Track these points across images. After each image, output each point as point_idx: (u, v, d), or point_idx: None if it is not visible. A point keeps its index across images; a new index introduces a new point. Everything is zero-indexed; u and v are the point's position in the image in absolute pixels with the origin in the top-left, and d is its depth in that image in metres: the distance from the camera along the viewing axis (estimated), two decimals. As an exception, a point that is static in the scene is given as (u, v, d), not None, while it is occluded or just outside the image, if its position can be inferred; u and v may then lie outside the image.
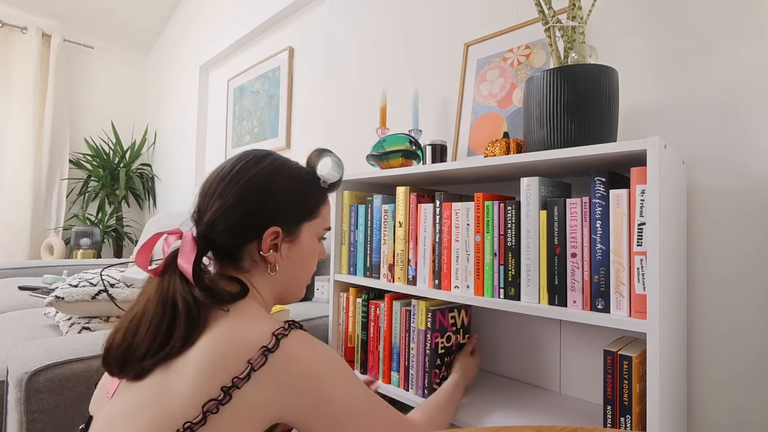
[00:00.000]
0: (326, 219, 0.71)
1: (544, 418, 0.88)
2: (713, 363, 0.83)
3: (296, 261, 0.68)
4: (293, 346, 0.51)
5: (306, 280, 0.71)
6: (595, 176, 0.74)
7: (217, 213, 0.60)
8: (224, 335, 0.51)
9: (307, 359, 0.51)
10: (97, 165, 3.23)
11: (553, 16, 0.84)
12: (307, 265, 0.70)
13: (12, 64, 2.99)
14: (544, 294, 0.79)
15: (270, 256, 0.63)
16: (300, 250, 0.68)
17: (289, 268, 0.67)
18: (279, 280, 0.66)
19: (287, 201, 0.65)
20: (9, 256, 2.91)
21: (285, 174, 0.66)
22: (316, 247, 0.70)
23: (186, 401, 0.46)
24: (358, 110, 1.68)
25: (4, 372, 0.95)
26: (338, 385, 0.52)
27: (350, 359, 1.16)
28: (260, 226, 0.62)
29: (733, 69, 0.83)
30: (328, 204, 0.72)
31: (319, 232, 0.70)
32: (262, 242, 0.62)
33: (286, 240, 0.65)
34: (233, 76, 2.55)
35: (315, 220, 0.69)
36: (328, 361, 0.53)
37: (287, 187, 0.65)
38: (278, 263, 0.65)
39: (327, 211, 0.72)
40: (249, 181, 0.62)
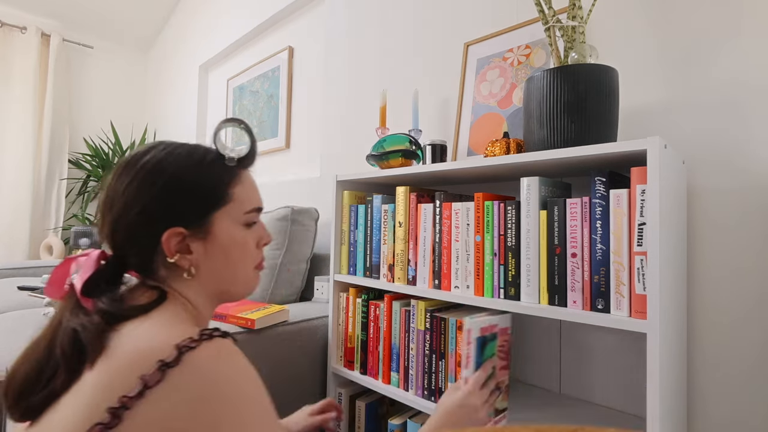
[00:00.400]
0: (243, 201, 0.59)
1: (544, 418, 0.88)
2: (713, 363, 0.83)
3: (219, 257, 0.57)
4: (199, 360, 0.43)
5: (245, 273, 0.60)
6: (595, 176, 0.73)
7: (111, 226, 0.54)
8: (121, 348, 0.44)
9: (213, 377, 0.43)
10: (97, 165, 3.23)
11: (553, 16, 0.84)
12: (235, 257, 0.58)
13: (11, 64, 2.98)
14: (544, 294, 0.79)
15: (180, 260, 0.54)
16: (218, 244, 0.57)
17: (213, 267, 0.57)
18: (207, 282, 0.57)
19: (182, 193, 0.54)
20: (8, 256, 2.90)
21: (174, 162, 0.55)
22: (241, 235, 0.59)
23: (70, 426, 0.40)
24: (357, 110, 1.68)
25: (4, 372, 0.95)
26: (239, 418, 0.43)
27: (350, 359, 1.16)
28: (157, 230, 0.53)
29: (733, 69, 0.83)
30: (242, 183, 0.60)
31: (240, 218, 0.59)
32: (164, 247, 0.53)
33: (196, 237, 0.55)
34: (233, 76, 2.55)
35: (228, 206, 0.57)
36: (238, 385, 0.44)
37: (179, 177, 0.55)
38: (196, 266, 0.56)
39: (243, 192, 0.60)
40: (133, 180, 0.53)
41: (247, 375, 0.46)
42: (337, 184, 1.22)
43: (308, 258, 1.53)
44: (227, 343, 0.48)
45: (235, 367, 0.45)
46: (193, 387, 0.42)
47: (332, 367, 1.19)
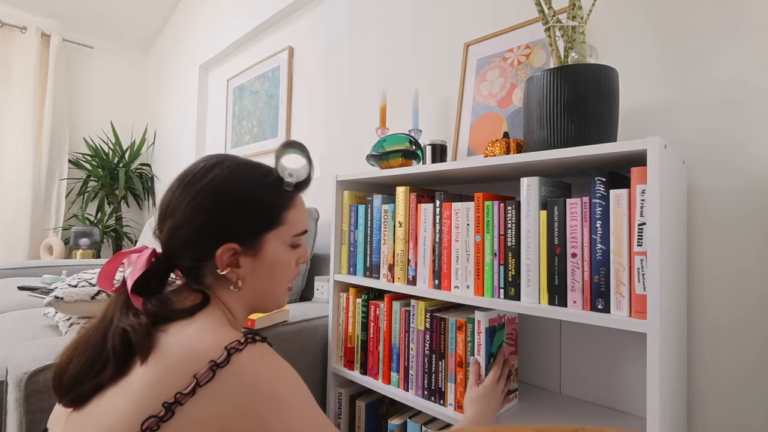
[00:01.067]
0: (295, 225, 0.63)
1: (544, 418, 0.88)
2: (713, 363, 0.83)
3: (263, 274, 0.61)
4: (246, 362, 0.47)
5: (282, 290, 0.65)
6: (595, 176, 0.73)
7: (169, 233, 0.57)
8: (172, 348, 0.47)
9: (258, 377, 0.46)
10: (97, 165, 3.23)
11: (553, 16, 0.84)
12: (278, 276, 0.63)
13: (11, 64, 2.98)
14: (544, 294, 0.79)
15: (230, 273, 0.58)
16: (266, 262, 0.60)
17: (256, 282, 0.61)
18: (248, 295, 0.61)
19: (241, 213, 0.58)
20: (8, 256, 2.90)
21: (237, 181, 0.59)
22: (286, 256, 0.63)
23: (123, 419, 0.43)
24: (357, 110, 1.68)
25: (4, 372, 0.95)
26: (286, 413, 0.46)
27: (350, 359, 1.16)
28: (214, 244, 0.56)
29: (733, 68, 0.83)
30: (296, 207, 0.64)
31: (288, 239, 0.62)
32: (216, 261, 0.57)
33: (246, 254, 0.59)
34: (233, 76, 2.55)
35: (280, 228, 0.61)
36: (282, 383, 0.48)
37: (241, 197, 0.58)
38: (242, 279, 0.59)
39: (296, 216, 0.63)
40: (197, 195, 0.57)
41: (289, 374, 0.50)
42: (337, 184, 1.22)
43: (308, 258, 1.53)
44: (267, 346, 0.51)
45: (278, 368, 0.49)
46: (239, 387, 0.45)
47: (332, 367, 1.19)
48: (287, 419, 0.46)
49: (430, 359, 0.97)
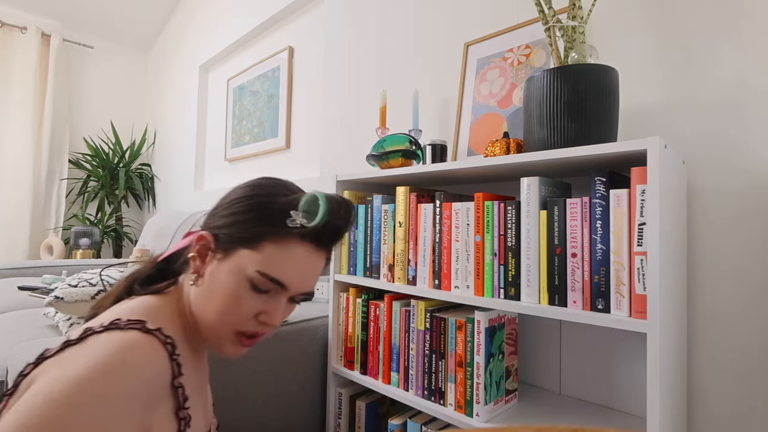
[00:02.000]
0: (270, 263, 0.53)
1: (544, 418, 0.88)
2: (713, 363, 0.83)
3: (214, 287, 0.54)
4: (86, 346, 0.42)
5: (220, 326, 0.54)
6: (595, 176, 0.73)
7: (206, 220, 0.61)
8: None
9: (72, 367, 0.40)
10: (97, 165, 3.23)
11: (553, 16, 0.84)
12: (219, 302, 0.53)
13: (11, 64, 2.98)
14: (544, 294, 0.79)
15: (193, 260, 0.56)
16: (221, 275, 0.53)
17: (206, 290, 0.54)
18: (193, 300, 0.56)
19: (237, 214, 0.55)
20: (8, 256, 2.90)
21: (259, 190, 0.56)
22: (240, 289, 0.53)
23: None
24: (357, 110, 1.68)
25: (4, 372, 0.95)
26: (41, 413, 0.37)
27: (350, 359, 1.16)
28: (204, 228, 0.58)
29: (733, 68, 0.83)
30: (285, 249, 0.54)
31: (251, 272, 0.52)
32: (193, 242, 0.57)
33: (214, 255, 0.55)
34: (233, 76, 2.55)
35: (252, 253, 0.53)
36: (78, 393, 0.38)
37: (244, 202, 0.56)
38: (200, 275, 0.55)
39: (277, 256, 0.53)
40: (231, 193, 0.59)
41: (106, 375, 0.40)
42: (337, 184, 1.22)
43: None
44: (134, 339, 0.44)
45: (98, 365, 0.40)
46: (59, 365, 0.41)
47: (332, 367, 1.19)
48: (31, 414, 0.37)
49: (430, 359, 0.97)
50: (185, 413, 0.48)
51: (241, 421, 1.02)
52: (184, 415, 0.48)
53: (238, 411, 1.02)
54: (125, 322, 0.46)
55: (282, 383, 1.11)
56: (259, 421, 1.06)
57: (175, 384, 0.47)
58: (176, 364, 0.48)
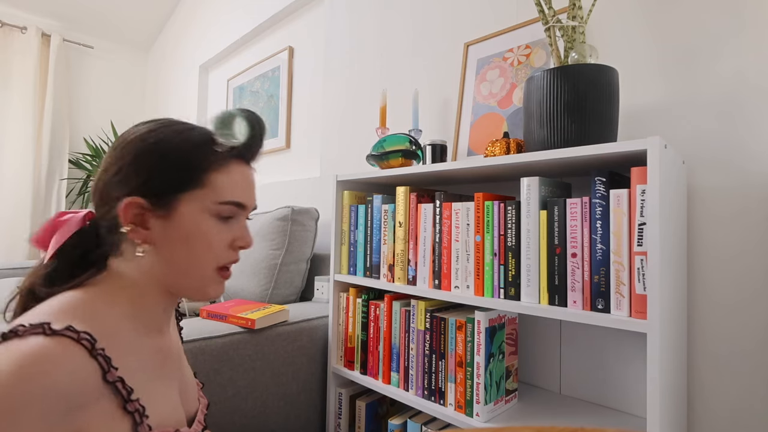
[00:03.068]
0: (221, 190, 0.53)
1: (544, 418, 0.88)
2: (713, 362, 0.83)
3: (178, 243, 0.52)
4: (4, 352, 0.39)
5: (203, 271, 0.54)
6: (595, 176, 0.73)
7: (93, 186, 0.53)
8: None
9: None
10: (97, 165, 3.23)
11: (553, 16, 0.84)
12: (196, 249, 0.53)
13: (11, 64, 2.98)
14: (544, 294, 0.79)
15: (132, 232, 0.51)
16: (181, 229, 0.52)
17: (169, 252, 0.52)
18: (159, 266, 0.53)
19: (154, 165, 0.51)
20: (8, 256, 2.90)
21: (163, 133, 0.53)
22: (207, 225, 0.53)
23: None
24: (357, 110, 1.68)
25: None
26: None
27: (350, 359, 1.16)
28: (119, 194, 0.51)
29: (733, 68, 0.83)
30: (227, 172, 0.54)
31: (211, 206, 0.53)
32: (119, 214, 0.50)
33: (156, 215, 0.51)
34: (233, 76, 2.55)
35: (199, 191, 0.52)
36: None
37: (158, 148, 0.51)
38: (151, 243, 0.52)
39: (225, 180, 0.54)
40: (120, 146, 0.52)
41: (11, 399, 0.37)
42: (337, 184, 1.22)
43: (308, 258, 1.53)
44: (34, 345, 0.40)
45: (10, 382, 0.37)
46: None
47: (332, 367, 1.19)
48: None
49: (430, 359, 0.97)
50: (135, 405, 0.46)
51: (241, 421, 1.02)
52: (133, 407, 0.45)
53: (238, 411, 1.02)
54: (24, 328, 0.41)
55: (282, 383, 1.11)
56: (259, 421, 1.06)
57: (109, 379, 0.44)
58: (102, 358, 0.44)
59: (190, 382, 0.62)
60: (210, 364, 0.97)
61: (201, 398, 0.64)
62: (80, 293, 0.49)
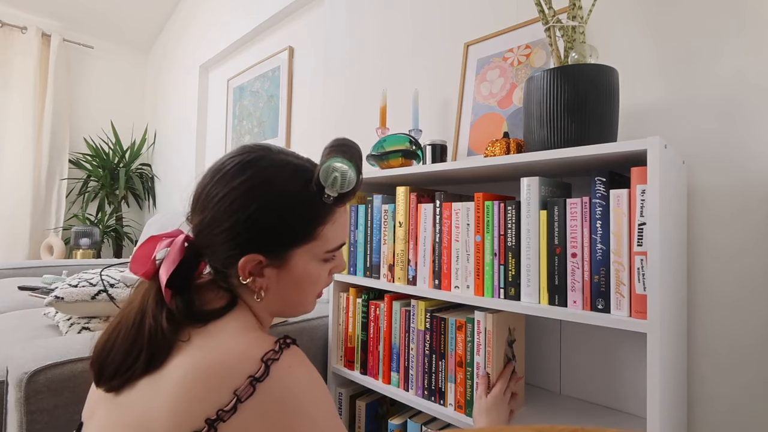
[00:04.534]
0: (329, 240, 0.58)
1: (544, 418, 0.88)
2: (714, 362, 0.83)
3: (289, 286, 0.57)
4: (283, 372, 0.45)
5: (308, 299, 0.61)
6: (595, 176, 0.74)
7: (198, 228, 0.55)
8: (205, 355, 0.46)
9: (287, 391, 0.45)
10: (97, 165, 3.23)
11: (553, 16, 0.84)
12: (305, 288, 0.59)
13: (11, 64, 2.98)
14: (544, 294, 0.79)
15: (252, 283, 0.55)
16: (292, 276, 0.57)
17: (281, 293, 0.58)
18: (272, 303, 0.58)
19: (271, 225, 0.54)
20: (9, 256, 2.90)
21: (273, 188, 0.54)
22: (316, 270, 0.58)
23: (166, 426, 0.43)
24: (357, 110, 1.68)
25: (4, 372, 0.95)
26: (309, 428, 0.45)
27: (350, 359, 1.16)
28: (238, 251, 0.53)
29: (733, 68, 0.83)
30: (334, 222, 0.58)
31: (320, 255, 0.58)
32: (239, 269, 0.54)
33: (272, 266, 0.55)
34: (233, 76, 2.55)
35: (311, 244, 0.56)
36: (307, 396, 0.46)
37: (273, 207, 0.53)
38: (266, 290, 0.57)
39: (332, 231, 0.58)
40: (228, 195, 0.53)
41: (315, 385, 0.48)
42: (337, 184, 1.21)
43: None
44: (297, 351, 0.49)
45: (310, 375, 0.48)
46: (279, 400, 0.44)
47: (332, 367, 1.19)
48: (317, 427, 0.45)
49: (430, 359, 0.97)
50: None
51: (241, 421, 1.02)
52: None
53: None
54: (277, 341, 0.48)
55: (282, 383, 1.11)
56: (259, 421, 1.06)
57: None
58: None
59: None
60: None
61: None
62: (237, 318, 0.53)
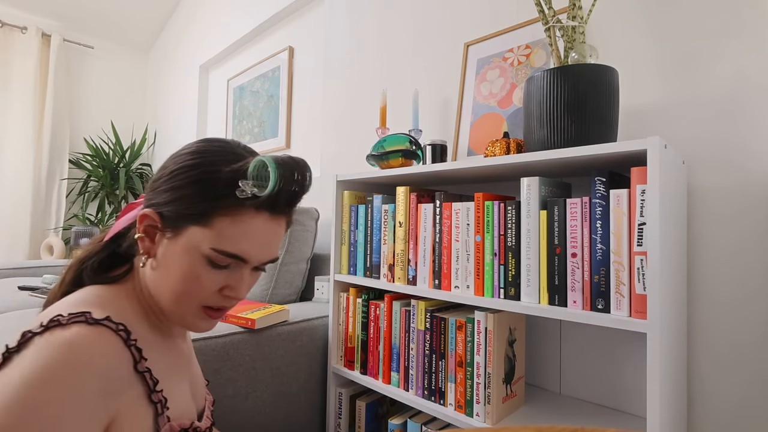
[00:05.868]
0: (223, 238, 0.50)
1: (544, 418, 0.88)
2: (714, 362, 0.83)
3: (168, 268, 0.51)
4: (47, 340, 0.41)
5: (181, 306, 0.52)
6: (595, 176, 0.73)
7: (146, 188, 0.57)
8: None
9: (33, 363, 0.39)
10: (97, 165, 3.23)
11: (553, 16, 0.84)
12: (178, 283, 0.51)
13: (12, 64, 2.98)
14: (544, 294, 0.79)
15: (141, 240, 0.52)
16: (174, 256, 0.51)
17: (161, 274, 0.52)
18: (152, 283, 0.53)
19: (181, 187, 0.51)
20: (8, 256, 2.90)
21: (206, 156, 0.52)
22: (198, 268, 0.50)
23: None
24: (358, 110, 1.68)
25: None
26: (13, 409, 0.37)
27: (350, 359, 1.16)
28: (148, 204, 0.53)
29: (732, 68, 0.83)
30: (238, 222, 0.50)
31: (205, 250, 0.50)
32: (137, 222, 0.53)
33: (164, 234, 0.51)
34: (233, 76, 2.55)
35: (205, 230, 0.50)
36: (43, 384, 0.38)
37: (189, 173, 0.51)
38: (151, 256, 0.52)
39: (231, 230, 0.50)
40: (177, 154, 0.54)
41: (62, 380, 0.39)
42: (337, 184, 1.22)
43: (308, 258, 1.53)
44: (77, 334, 0.42)
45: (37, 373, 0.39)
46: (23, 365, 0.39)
47: (332, 367, 1.19)
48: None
49: (430, 359, 0.97)
50: (158, 396, 0.48)
51: (241, 421, 1.02)
52: (157, 398, 0.48)
53: (238, 411, 1.02)
54: (67, 317, 0.43)
55: (282, 383, 1.11)
56: (259, 421, 1.06)
57: (139, 369, 0.46)
58: (135, 349, 0.46)
59: (199, 380, 0.64)
60: (210, 364, 0.97)
61: (207, 395, 0.66)
62: (110, 288, 0.52)
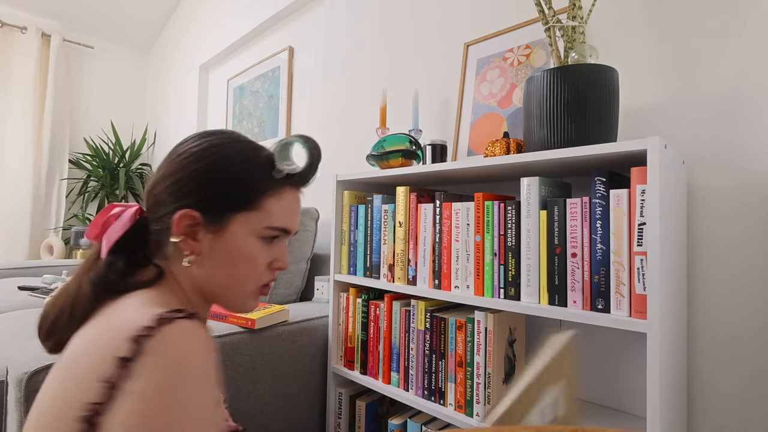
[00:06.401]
0: (272, 215, 0.56)
1: (544, 418, 0.88)
2: (713, 362, 0.83)
3: (224, 259, 0.54)
4: (173, 335, 0.42)
5: (243, 288, 0.56)
6: (595, 176, 0.74)
7: (149, 188, 0.55)
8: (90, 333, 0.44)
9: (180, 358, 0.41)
10: (97, 165, 3.23)
11: (553, 16, 0.84)
12: (240, 268, 0.55)
13: (12, 64, 2.98)
14: (544, 294, 0.79)
15: (183, 243, 0.53)
16: (227, 246, 0.54)
17: (214, 266, 0.54)
18: (204, 278, 0.55)
19: (214, 182, 0.53)
20: (8, 256, 2.90)
21: (225, 150, 0.54)
22: (253, 247, 0.55)
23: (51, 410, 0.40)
24: (358, 110, 1.68)
25: (4, 372, 0.95)
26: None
27: (350, 359, 1.16)
28: (177, 206, 0.52)
29: (732, 68, 0.83)
30: (281, 199, 0.57)
31: (259, 229, 0.55)
32: (173, 225, 0.52)
33: (208, 229, 0.53)
34: (233, 76, 2.55)
35: (252, 213, 0.54)
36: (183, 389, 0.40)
37: (220, 166, 0.53)
38: (197, 255, 0.54)
39: (277, 206, 0.56)
40: (180, 155, 0.54)
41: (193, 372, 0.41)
42: (337, 184, 1.22)
43: (308, 258, 1.53)
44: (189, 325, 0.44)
45: (189, 362, 0.41)
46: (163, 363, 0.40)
47: (332, 367, 1.19)
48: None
49: (430, 359, 0.97)
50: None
51: (242, 421, 1.02)
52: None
53: (239, 411, 1.02)
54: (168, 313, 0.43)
55: (282, 383, 1.11)
56: (259, 421, 1.06)
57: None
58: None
59: None
60: (210, 364, 0.97)
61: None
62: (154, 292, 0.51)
